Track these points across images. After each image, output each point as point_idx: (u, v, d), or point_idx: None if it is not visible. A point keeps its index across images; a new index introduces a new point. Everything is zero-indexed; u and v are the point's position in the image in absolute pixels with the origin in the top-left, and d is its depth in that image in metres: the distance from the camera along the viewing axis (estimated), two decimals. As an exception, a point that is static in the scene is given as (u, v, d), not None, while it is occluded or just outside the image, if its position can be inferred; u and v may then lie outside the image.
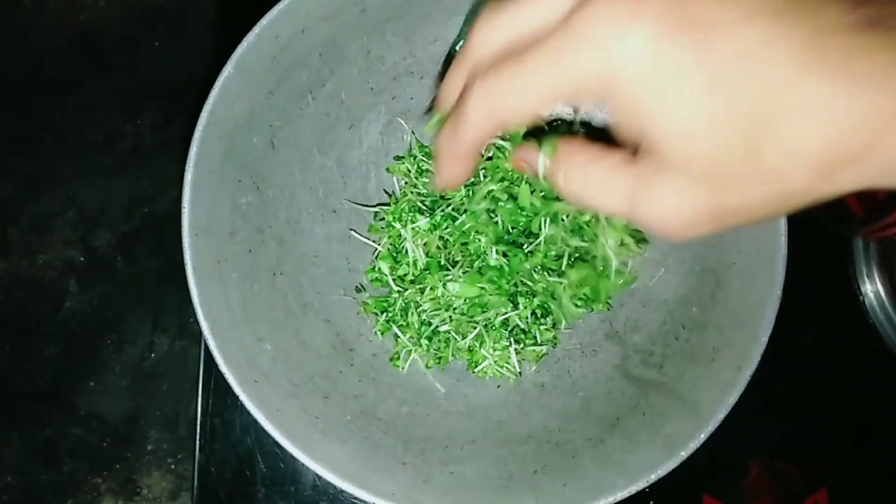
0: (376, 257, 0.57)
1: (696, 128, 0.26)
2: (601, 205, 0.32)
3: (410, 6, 0.52)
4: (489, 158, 0.55)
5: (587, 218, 0.54)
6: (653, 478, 0.45)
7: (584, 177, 0.32)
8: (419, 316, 0.55)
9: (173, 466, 0.76)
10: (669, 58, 0.25)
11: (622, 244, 0.52)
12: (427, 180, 0.57)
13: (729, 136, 0.26)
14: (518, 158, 0.40)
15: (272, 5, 0.47)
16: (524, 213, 0.52)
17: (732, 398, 0.46)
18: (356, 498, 0.46)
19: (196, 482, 0.62)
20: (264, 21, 0.47)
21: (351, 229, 0.58)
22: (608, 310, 0.57)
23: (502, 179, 0.54)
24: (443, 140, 0.36)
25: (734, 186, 0.27)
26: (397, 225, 0.55)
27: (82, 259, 0.82)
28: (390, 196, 0.59)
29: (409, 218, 0.55)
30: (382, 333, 0.56)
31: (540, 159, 0.36)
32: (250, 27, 0.47)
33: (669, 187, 0.28)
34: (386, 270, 0.56)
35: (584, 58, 0.27)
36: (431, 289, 0.54)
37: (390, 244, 0.57)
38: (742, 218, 0.29)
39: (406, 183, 0.59)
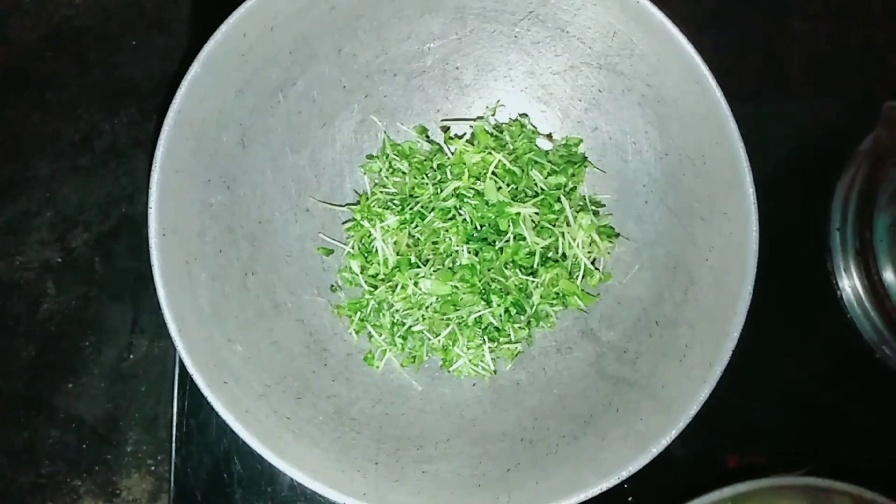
0: (347, 256, 0.57)
1: None
2: None
3: (382, 3, 0.52)
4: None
5: (553, 217, 0.54)
6: (624, 475, 0.45)
7: None
8: (392, 316, 0.55)
9: (153, 468, 0.76)
10: None
11: (591, 242, 0.52)
12: (398, 179, 0.57)
13: None
14: None
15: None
16: (491, 209, 0.52)
17: (703, 394, 0.46)
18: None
19: (173, 484, 0.61)
20: (231, 19, 0.46)
21: (320, 234, 0.57)
22: (584, 308, 0.56)
23: (469, 176, 0.54)
24: None
25: None
26: (366, 223, 0.55)
27: (60, 260, 0.81)
28: (361, 196, 0.58)
29: (378, 216, 0.55)
30: (357, 333, 0.56)
31: None
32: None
33: None
34: (356, 269, 0.56)
35: None
36: (402, 287, 0.54)
37: (360, 243, 0.56)
38: None
39: (377, 183, 0.58)
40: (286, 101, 0.53)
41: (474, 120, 0.60)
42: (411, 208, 0.54)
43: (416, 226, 0.54)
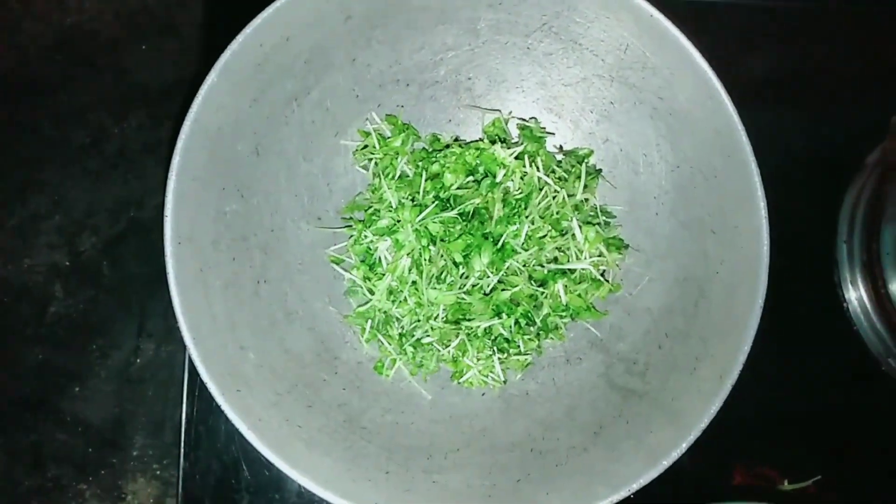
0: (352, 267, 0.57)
1: None
2: None
3: (396, 14, 0.52)
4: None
5: (561, 228, 0.54)
6: (635, 487, 0.46)
7: None
8: (400, 327, 0.55)
9: (158, 472, 0.76)
10: None
11: (600, 255, 0.52)
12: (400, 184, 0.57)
13: None
14: None
15: (260, 9, 0.47)
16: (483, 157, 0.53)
17: (714, 407, 0.46)
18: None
19: (181, 489, 0.62)
20: (248, 29, 0.47)
21: (324, 250, 0.57)
22: (595, 319, 0.57)
23: (468, 173, 0.54)
24: None
25: None
26: (369, 234, 0.55)
27: (68, 263, 0.82)
28: (365, 211, 0.58)
29: (379, 231, 0.55)
30: (367, 342, 0.56)
31: None
32: (238, 31, 0.47)
33: None
34: (360, 280, 0.56)
35: None
36: (405, 299, 0.54)
37: (364, 254, 0.56)
38: None
39: (371, 184, 0.58)
40: (300, 110, 0.54)
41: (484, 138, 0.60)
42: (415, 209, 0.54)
43: (419, 235, 0.54)
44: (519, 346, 0.55)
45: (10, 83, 0.83)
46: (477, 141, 0.59)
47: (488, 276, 0.53)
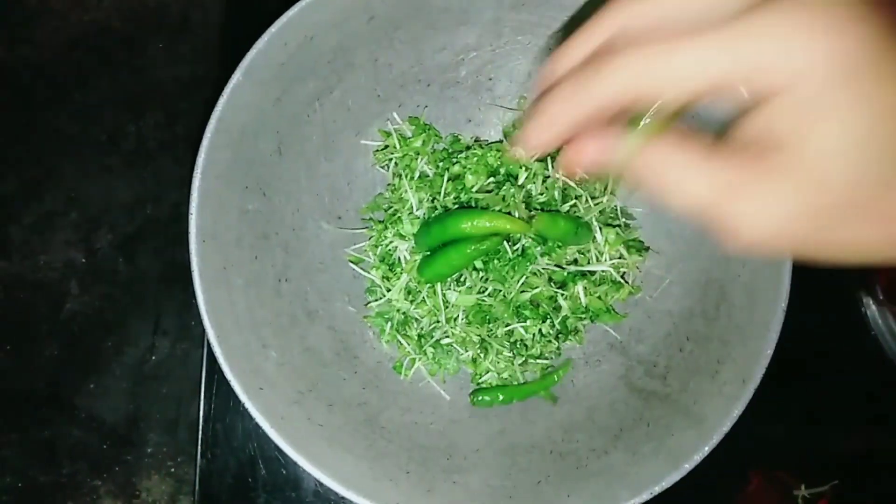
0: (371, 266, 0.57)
1: (847, 151, 0.26)
2: (683, 193, 0.29)
3: (418, 15, 0.52)
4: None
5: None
6: (657, 490, 0.45)
7: (669, 161, 0.29)
8: (419, 328, 0.55)
9: (173, 470, 0.76)
10: (852, 77, 0.25)
11: (620, 257, 0.52)
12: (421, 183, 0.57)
13: (873, 170, 0.26)
14: (576, 152, 0.33)
15: (277, 9, 0.47)
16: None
17: (737, 411, 0.46)
18: (358, 505, 0.45)
19: (197, 487, 0.62)
20: (273, 28, 0.47)
21: (344, 249, 0.58)
22: (615, 321, 0.57)
23: (490, 175, 0.54)
24: (558, 96, 0.32)
25: (847, 218, 0.27)
26: (390, 235, 0.55)
27: (84, 260, 0.82)
28: (385, 211, 0.58)
29: (399, 229, 0.55)
30: (387, 342, 0.56)
31: (624, 145, 0.31)
32: (254, 30, 0.47)
33: (780, 195, 0.27)
34: (379, 280, 0.56)
35: (766, 50, 0.26)
36: (423, 300, 0.54)
37: (383, 253, 0.56)
38: (832, 250, 0.28)
39: (391, 185, 0.58)
40: (322, 109, 0.54)
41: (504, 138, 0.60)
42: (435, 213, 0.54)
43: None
44: (538, 349, 0.55)
45: (26, 79, 0.83)
46: (498, 142, 0.59)
47: None
